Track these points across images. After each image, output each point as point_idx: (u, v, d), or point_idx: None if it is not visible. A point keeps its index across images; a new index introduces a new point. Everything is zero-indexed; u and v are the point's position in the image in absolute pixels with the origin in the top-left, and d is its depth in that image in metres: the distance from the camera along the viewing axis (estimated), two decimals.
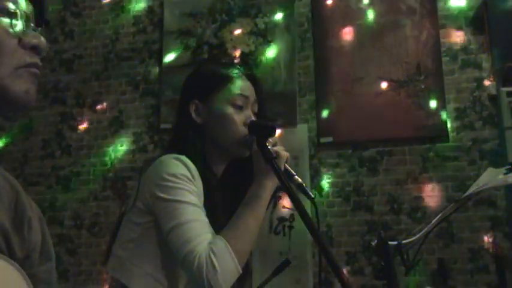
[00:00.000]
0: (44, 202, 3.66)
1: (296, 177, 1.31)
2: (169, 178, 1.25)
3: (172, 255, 1.24)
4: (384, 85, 3.37)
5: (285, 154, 1.32)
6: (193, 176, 1.28)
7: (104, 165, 3.70)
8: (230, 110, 1.37)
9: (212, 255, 1.17)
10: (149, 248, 1.29)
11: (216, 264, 1.16)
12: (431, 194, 3.21)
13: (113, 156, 3.70)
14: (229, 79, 1.40)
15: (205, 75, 1.45)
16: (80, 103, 3.85)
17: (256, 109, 1.43)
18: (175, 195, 1.24)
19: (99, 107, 3.81)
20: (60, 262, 3.52)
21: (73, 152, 3.79)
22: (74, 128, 3.82)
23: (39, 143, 3.85)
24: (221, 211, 1.33)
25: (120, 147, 3.70)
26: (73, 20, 4.01)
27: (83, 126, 3.81)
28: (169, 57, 3.73)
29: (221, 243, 1.19)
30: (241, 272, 1.22)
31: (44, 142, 3.85)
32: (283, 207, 3.27)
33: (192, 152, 1.33)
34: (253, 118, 1.39)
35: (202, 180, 1.31)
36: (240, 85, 1.40)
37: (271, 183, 1.30)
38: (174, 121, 1.46)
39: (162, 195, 1.25)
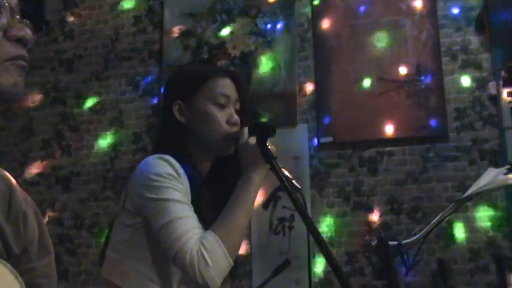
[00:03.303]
0: (44, 202, 3.66)
1: (283, 169, 1.32)
2: (156, 178, 1.27)
3: (164, 254, 1.25)
4: (384, 85, 3.37)
5: (271, 148, 1.34)
6: (178, 174, 1.30)
7: (104, 165, 3.70)
8: (212, 108, 1.40)
9: (203, 250, 1.19)
10: (141, 249, 1.31)
11: (208, 258, 1.18)
12: (431, 194, 3.21)
13: (113, 156, 3.70)
14: (210, 79, 1.43)
15: (187, 76, 1.48)
16: (80, 103, 3.85)
17: (238, 107, 1.45)
18: (162, 194, 1.26)
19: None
20: (60, 262, 3.52)
21: (73, 152, 3.79)
22: (74, 128, 3.82)
23: (39, 143, 3.85)
24: (208, 209, 1.34)
25: (120, 147, 3.70)
26: (73, 20, 4.01)
27: (83, 126, 3.81)
28: (170, 57, 3.74)
29: (211, 238, 1.21)
30: (232, 264, 1.24)
31: (44, 142, 3.84)
32: (283, 207, 3.27)
33: (177, 152, 1.35)
34: (236, 116, 1.41)
35: (188, 179, 1.32)
36: (221, 84, 1.43)
37: (258, 177, 1.33)
38: (158, 122, 1.48)
39: (149, 195, 1.27)
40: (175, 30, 3.76)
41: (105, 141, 3.74)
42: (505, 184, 1.68)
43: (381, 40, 3.45)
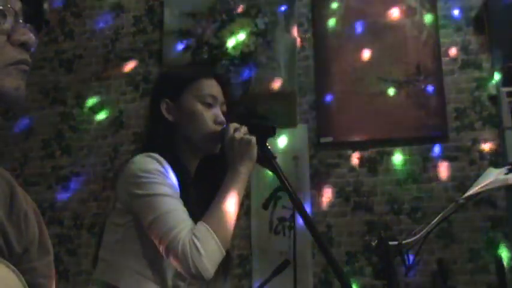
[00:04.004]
0: (44, 202, 3.66)
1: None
2: (144, 174, 1.29)
3: (156, 250, 1.27)
4: (384, 85, 3.37)
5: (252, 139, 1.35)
6: (166, 170, 1.31)
7: (103, 165, 3.70)
8: (200, 107, 1.42)
9: (195, 240, 1.20)
10: (133, 246, 1.32)
11: (200, 247, 1.20)
12: (431, 194, 3.21)
13: (113, 156, 3.70)
14: (199, 79, 1.46)
15: (176, 76, 1.52)
16: (80, 103, 3.85)
17: (224, 109, 1.48)
18: (151, 189, 1.27)
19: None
20: (60, 262, 3.52)
21: (73, 152, 3.79)
22: (74, 128, 3.82)
23: (39, 143, 3.85)
24: (196, 206, 1.35)
25: (120, 147, 3.70)
26: (73, 20, 4.01)
27: (83, 126, 3.81)
28: (170, 58, 3.74)
29: (203, 228, 1.23)
30: (224, 254, 1.26)
31: (44, 142, 3.84)
32: (283, 207, 3.27)
33: (164, 150, 1.37)
34: (222, 117, 1.43)
35: (176, 177, 1.34)
36: (209, 85, 1.45)
37: (245, 170, 1.34)
38: (146, 121, 1.49)
39: (138, 191, 1.28)
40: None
41: (105, 141, 3.73)
42: (505, 184, 1.68)
43: (381, 40, 3.45)
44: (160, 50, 3.78)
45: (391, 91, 3.36)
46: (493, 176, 1.70)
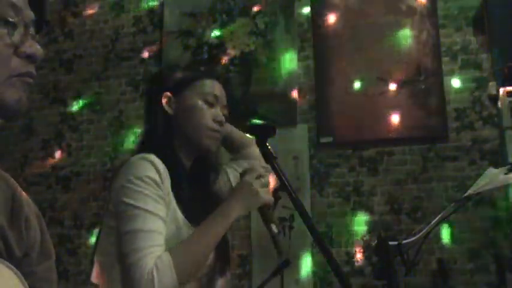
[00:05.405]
0: (44, 202, 3.66)
1: (272, 225, 1.39)
2: (135, 182, 1.27)
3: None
4: (384, 85, 3.37)
5: (270, 199, 1.36)
6: (161, 178, 1.29)
7: (104, 165, 3.70)
8: (201, 104, 1.42)
9: (155, 271, 1.18)
10: None
11: (156, 280, 1.17)
12: (431, 194, 3.21)
13: (113, 156, 3.70)
14: (204, 78, 1.46)
15: (182, 71, 1.51)
16: (80, 103, 3.85)
17: (226, 113, 1.48)
18: (137, 200, 1.25)
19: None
20: (60, 262, 3.52)
21: (73, 152, 3.79)
22: (74, 128, 3.82)
23: (39, 143, 3.85)
24: (189, 205, 1.35)
25: (120, 147, 3.70)
26: (73, 20, 4.01)
27: (83, 126, 3.81)
28: (170, 57, 3.73)
29: (166, 260, 1.20)
30: None
31: (44, 142, 3.84)
32: (283, 207, 3.27)
33: (163, 146, 1.37)
34: (222, 116, 1.44)
35: (172, 173, 1.32)
36: (213, 85, 1.46)
37: (235, 215, 1.32)
38: (145, 112, 1.48)
39: (125, 199, 1.26)
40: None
41: (105, 141, 3.73)
42: (505, 184, 1.68)
43: (381, 40, 3.45)
44: (160, 50, 3.78)
45: (391, 91, 3.36)
46: (493, 176, 1.70)
